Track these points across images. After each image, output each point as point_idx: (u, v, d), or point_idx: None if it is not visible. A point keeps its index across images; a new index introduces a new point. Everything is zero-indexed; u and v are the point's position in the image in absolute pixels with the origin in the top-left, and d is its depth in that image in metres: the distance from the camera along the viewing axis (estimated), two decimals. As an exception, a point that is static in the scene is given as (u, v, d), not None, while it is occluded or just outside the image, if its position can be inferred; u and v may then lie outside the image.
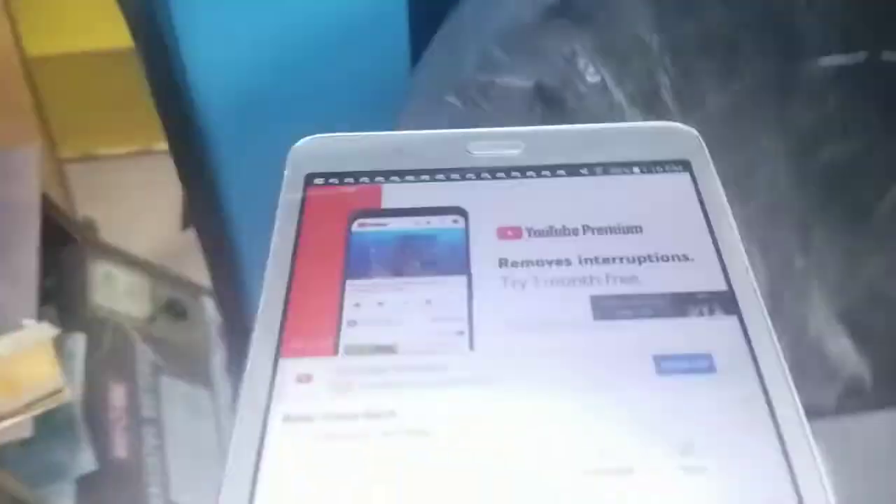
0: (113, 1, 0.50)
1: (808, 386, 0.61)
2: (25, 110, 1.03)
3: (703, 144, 0.25)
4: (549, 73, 0.33)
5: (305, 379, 0.20)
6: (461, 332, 0.21)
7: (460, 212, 0.23)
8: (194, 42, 0.51)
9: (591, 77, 0.33)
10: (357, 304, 0.21)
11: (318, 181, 0.24)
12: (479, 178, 0.24)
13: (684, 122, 0.42)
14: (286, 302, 0.21)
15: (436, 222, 0.23)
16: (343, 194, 0.24)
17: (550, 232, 0.23)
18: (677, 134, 0.25)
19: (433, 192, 0.24)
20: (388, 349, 0.20)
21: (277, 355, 0.20)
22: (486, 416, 0.19)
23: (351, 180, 0.24)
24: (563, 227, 0.23)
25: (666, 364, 0.20)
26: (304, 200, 0.24)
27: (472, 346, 0.20)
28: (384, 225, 0.23)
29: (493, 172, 0.24)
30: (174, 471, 0.93)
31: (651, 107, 0.38)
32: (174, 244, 1.10)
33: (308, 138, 0.25)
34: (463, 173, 0.24)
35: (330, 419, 0.19)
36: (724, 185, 0.55)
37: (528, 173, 0.24)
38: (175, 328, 1.06)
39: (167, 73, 0.50)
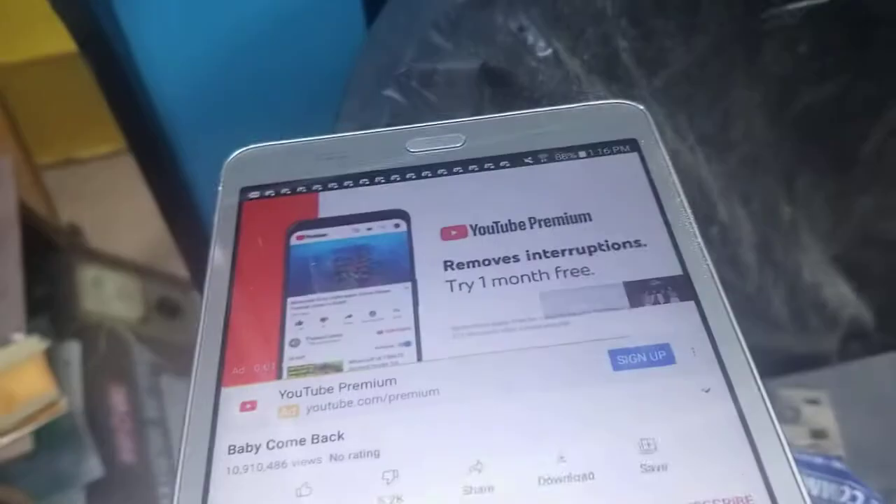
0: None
1: (809, 335, 0.60)
2: (-4, 121, 1.02)
3: (651, 120, 0.23)
4: (495, 53, 0.32)
5: (249, 406, 0.19)
6: (408, 343, 0.20)
7: (402, 215, 0.23)
8: (144, 41, 0.50)
9: (542, 51, 0.32)
10: (299, 323, 0.21)
11: (254, 194, 0.23)
12: (419, 177, 0.23)
13: (649, 84, 0.41)
14: (226, 327, 0.21)
15: (377, 228, 0.22)
16: (279, 206, 0.23)
17: (496, 228, 0.22)
18: (622, 111, 0.24)
19: (373, 196, 0.23)
20: (334, 367, 0.20)
21: (219, 385, 0.20)
22: (438, 430, 0.18)
23: (287, 190, 0.23)
24: (510, 221, 0.22)
25: (622, 359, 0.19)
26: (239, 216, 0.23)
27: (419, 357, 0.20)
28: (323, 236, 0.22)
29: (435, 170, 0.23)
30: (182, 469, 0.93)
31: (611, 73, 0.37)
32: (161, 242, 1.09)
33: (241, 150, 0.24)
34: (403, 173, 0.23)
35: (276, 446, 0.18)
36: (701, 142, 0.54)
37: (471, 167, 0.23)
38: (170, 326, 1.06)
39: (118, 77, 0.49)
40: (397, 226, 0.22)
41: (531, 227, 0.22)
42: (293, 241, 0.22)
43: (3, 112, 1.03)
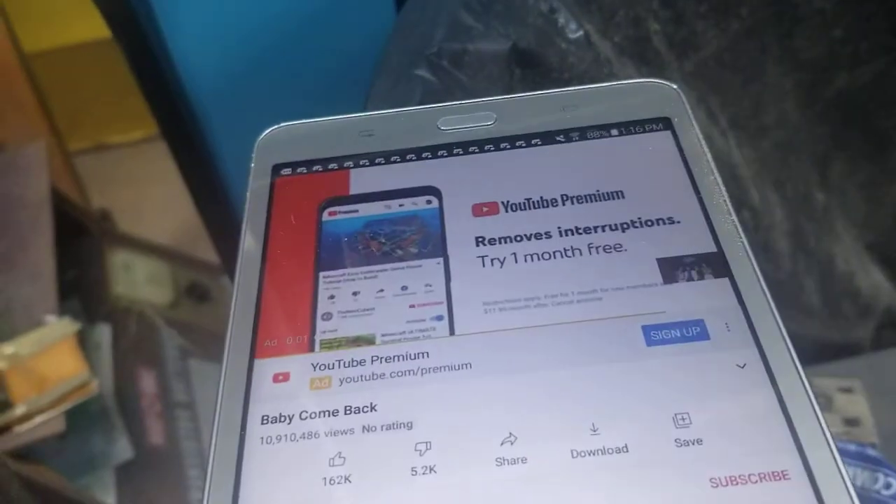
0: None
1: (842, 323, 0.59)
2: (29, 107, 1.03)
3: (684, 99, 0.23)
4: (526, 34, 0.31)
5: (282, 378, 0.19)
6: (440, 317, 0.20)
7: (433, 191, 0.23)
8: (176, 25, 0.50)
9: (573, 33, 0.32)
10: (331, 297, 0.21)
11: (286, 171, 0.24)
12: (451, 154, 0.23)
13: (680, 67, 0.41)
14: (258, 300, 0.21)
15: (408, 204, 0.22)
16: (311, 183, 0.23)
17: (528, 205, 0.22)
18: (655, 90, 0.24)
19: (404, 173, 0.23)
20: (366, 340, 0.20)
21: (252, 356, 0.20)
22: (471, 403, 0.18)
23: (319, 168, 0.23)
24: (541, 198, 0.22)
25: (655, 334, 0.19)
26: (272, 193, 0.23)
27: (452, 331, 0.20)
28: (355, 212, 0.22)
29: (466, 147, 0.23)
30: (211, 452, 0.94)
31: (642, 56, 0.37)
32: (191, 227, 1.10)
33: (273, 127, 0.24)
34: (434, 151, 0.23)
35: (309, 417, 0.19)
36: (733, 126, 0.53)
37: (503, 145, 0.23)
38: (199, 311, 1.07)
39: (150, 61, 0.49)
40: (429, 202, 0.22)
41: (563, 204, 0.22)
42: (325, 216, 0.22)
43: (36, 98, 1.05)
